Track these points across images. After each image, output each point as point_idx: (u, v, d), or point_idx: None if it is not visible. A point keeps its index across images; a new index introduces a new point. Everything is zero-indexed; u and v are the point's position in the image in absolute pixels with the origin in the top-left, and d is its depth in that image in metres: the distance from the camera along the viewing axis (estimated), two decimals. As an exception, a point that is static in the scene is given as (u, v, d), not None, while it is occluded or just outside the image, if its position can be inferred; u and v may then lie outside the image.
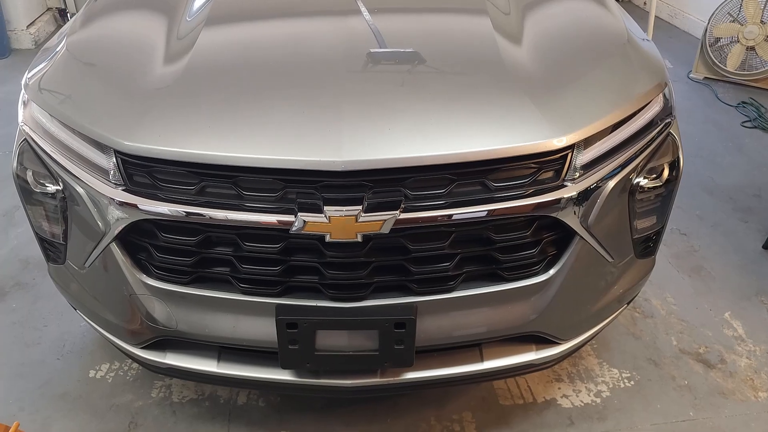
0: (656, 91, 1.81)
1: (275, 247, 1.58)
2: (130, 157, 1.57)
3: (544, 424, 2.15)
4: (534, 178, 1.59)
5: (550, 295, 1.72)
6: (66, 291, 1.95)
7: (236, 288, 1.66)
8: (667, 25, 6.02)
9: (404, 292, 1.66)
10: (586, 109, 1.66)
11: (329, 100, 1.60)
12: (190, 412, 2.18)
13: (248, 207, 1.53)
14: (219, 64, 1.78)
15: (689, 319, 2.60)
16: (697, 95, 4.58)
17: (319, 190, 1.50)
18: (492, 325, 1.74)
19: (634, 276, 1.92)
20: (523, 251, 1.66)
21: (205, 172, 1.54)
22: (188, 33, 1.91)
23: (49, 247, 1.87)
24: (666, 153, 1.80)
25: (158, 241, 1.64)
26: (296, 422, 2.14)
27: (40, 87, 1.81)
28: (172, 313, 1.71)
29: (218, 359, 1.81)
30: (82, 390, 2.26)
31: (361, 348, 1.68)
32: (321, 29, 1.95)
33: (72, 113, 1.68)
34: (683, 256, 2.95)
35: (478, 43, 1.87)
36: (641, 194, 1.75)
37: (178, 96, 1.65)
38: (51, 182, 1.73)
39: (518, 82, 1.69)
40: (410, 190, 1.53)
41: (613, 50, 1.91)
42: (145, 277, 1.69)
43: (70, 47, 1.92)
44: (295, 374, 1.78)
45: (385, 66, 1.76)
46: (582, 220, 1.64)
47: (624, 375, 2.33)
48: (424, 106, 1.61)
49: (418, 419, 2.15)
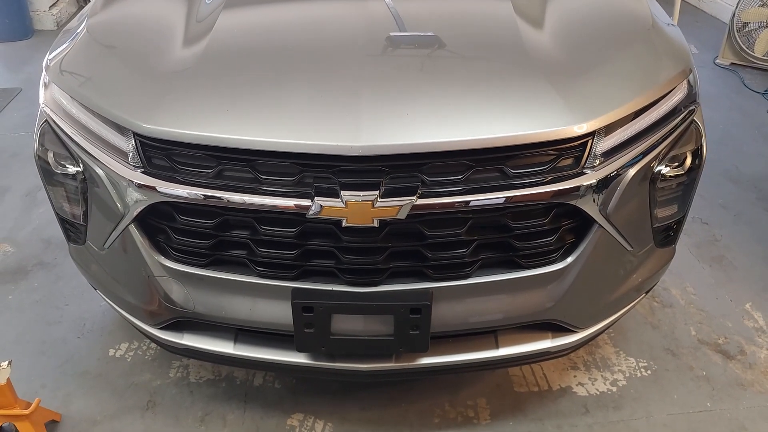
0: (680, 78, 1.77)
1: (292, 231, 1.58)
2: (148, 139, 1.58)
3: (558, 411, 2.14)
4: (553, 165, 1.57)
5: (567, 283, 1.71)
6: (86, 271, 1.98)
7: (253, 271, 1.66)
8: (694, 9, 5.89)
9: (420, 278, 1.65)
10: (607, 96, 1.63)
11: (348, 84, 1.59)
12: (207, 392, 2.21)
13: (265, 191, 1.54)
14: (237, 47, 1.78)
15: (709, 309, 2.57)
16: (723, 81, 4.49)
17: (336, 174, 1.50)
18: (508, 313, 1.73)
19: (653, 265, 1.90)
20: (540, 239, 1.65)
21: (223, 156, 1.55)
22: (207, 16, 1.91)
23: (70, 227, 1.90)
24: (689, 141, 1.77)
25: (176, 224, 1.65)
26: (311, 405, 2.16)
27: (60, 69, 1.82)
28: (189, 295, 1.73)
29: (235, 341, 1.83)
30: (101, 368, 2.30)
31: (377, 333, 1.68)
32: (341, 12, 1.94)
33: (92, 95, 1.69)
34: (704, 246, 2.91)
35: (499, 27, 1.84)
36: (662, 182, 1.73)
37: (196, 79, 1.65)
38: (71, 163, 1.75)
39: (539, 67, 1.67)
40: (427, 176, 1.52)
41: (636, 35, 1.88)
42: (164, 258, 1.70)
43: (91, 29, 1.93)
44: (310, 357, 1.79)
45: (404, 50, 1.75)
46: (601, 208, 1.62)
47: (641, 364, 2.32)
48: (443, 90, 1.59)
49: (432, 404, 2.16)
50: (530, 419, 2.11)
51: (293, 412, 2.14)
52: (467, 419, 2.12)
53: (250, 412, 2.13)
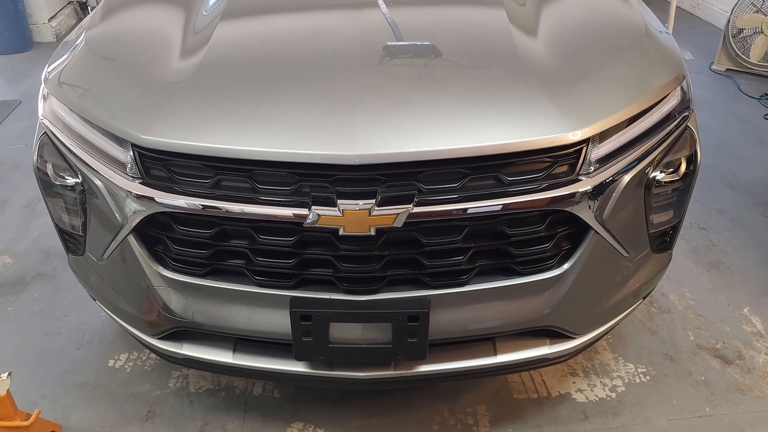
0: (674, 84, 1.79)
1: (289, 240, 1.59)
2: (147, 150, 1.59)
3: (558, 418, 2.14)
4: (548, 172, 1.58)
5: (564, 289, 1.72)
6: (85, 282, 1.99)
7: (251, 280, 1.67)
8: (689, 15, 5.93)
9: (417, 286, 1.66)
10: (601, 103, 1.64)
11: (344, 93, 1.61)
12: (207, 402, 2.21)
13: (263, 200, 1.55)
14: (234, 58, 1.79)
15: (707, 314, 2.57)
16: (719, 87, 4.51)
17: (333, 183, 1.51)
18: (505, 319, 1.74)
19: (650, 270, 1.91)
20: (536, 245, 1.66)
21: (221, 166, 1.56)
22: (204, 27, 1.92)
23: (69, 238, 1.91)
24: (683, 147, 1.78)
25: (175, 234, 1.66)
26: (311, 413, 2.16)
27: (59, 81, 1.84)
28: (188, 305, 1.73)
29: (234, 350, 1.83)
30: (101, 379, 2.30)
31: (375, 340, 1.69)
32: (337, 22, 1.96)
33: (90, 107, 1.71)
34: (702, 251, 2.92)
35: (494, 36, 1.86)
36: (658, 188, 1.74)
37: (194, 90, 1.66)
38: (70, 175, 1.76)
39: (533, 75, 1.68)
40: (424, 184, 1.53)
41: (630, 43, 1.89)
42: (162, 269, 1.71)
43: (89, 41, 1.94)
44: (308, 366, 1.80)
45: (400, 59, 1.76)
46: (597, 214, 1.64)
47: (640, 370, 2.32)
48: (438, 99, 1.60)
49: (431, 412, 2.16)
50: (529, 426, 2.12)
51: (293, 421, 2.14)
52: (467, 426, 2.12)
53: (249, 422, 2.13)
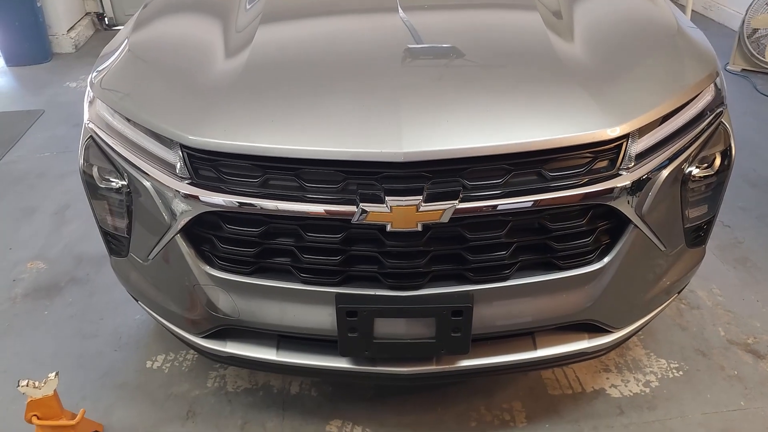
0: (708, 81, 1.82)
1: (336, 237, 1.62)
2: (196, 151, 1.63)
3: (594, 413, 2.16)
4: (589, 167, 1.61)
5: (604, 283, 1.74)
6: (128, 282, 2.02)
7: (297, 278, 1.70)
8: (702, 17, 5.96)
9: (461, 281, 1.69)
10: (639, 100, 1.67)
11: (387, 93, 1.64)
12: (245, 401, 2.24)
13: (310, 198, 1.58)
14: (277, 58, 1.83)
15: (736, 310, 2.59)
16: (735, 87, 4.54)
17: (380, 181, 1.54)
18: (546, 314, 1.76)
19: (685, 265, 1.93)
20: (578, 240, 1.69)
21: (269, 165, 1.59)
22: (246, 26, 1.97)
23: (113, 240, 1.94)
24: (718, 142, 1.81)
25: (222, 233, 1.69)
26: (348, 411, 2.19)
27: (105, 86, 1.88)
28: (234, 303, 1.77)
29: (277, 347, 1.86)
30: (140, 380, 2.33)
31: (419, 335, 1.72)
32: (377, 24, 2.00)
33: (138, 110, 1.75)
34: (728, 248, 2.94)
35: (531, 38, 1.89)
36: (693, 183, 1.76)
37: (240, 91, 1.70)
38: (116, 177, 1.80)
39: (572, 73, 1.72)
40: (468, 180, 1.57)
41: (664, 41, 1.93)
42: (209, 268, 1.74)
43: (133, 47, 1.99)
44: (351, 362, 1.82)
45: (440, 60, 1.79)
46: (636, 208, 1.66)
47: (672, 365, 2.34)
48: (480, 97, 1.64)
49: (468, 408, 2.19)
50: (566, 421, 2.14)
51: (331, 419, 2.16)
52: (504, 422, 2.14)
53: (289, 420, 2.16)
